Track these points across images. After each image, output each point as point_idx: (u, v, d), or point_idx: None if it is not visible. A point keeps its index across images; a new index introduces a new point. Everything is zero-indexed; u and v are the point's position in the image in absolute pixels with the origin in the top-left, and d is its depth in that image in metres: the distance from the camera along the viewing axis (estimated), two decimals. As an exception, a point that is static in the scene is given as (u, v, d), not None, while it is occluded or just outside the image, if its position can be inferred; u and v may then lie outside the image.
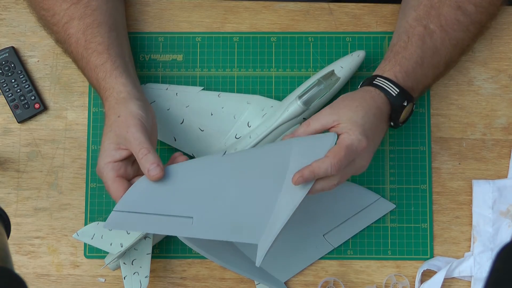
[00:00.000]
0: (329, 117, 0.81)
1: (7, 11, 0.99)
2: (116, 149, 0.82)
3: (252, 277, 0.92)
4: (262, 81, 0.97)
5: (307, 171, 0.78)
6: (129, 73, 0.88)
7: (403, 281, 0.93)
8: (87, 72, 0.89)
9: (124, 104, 0.84)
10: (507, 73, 0.97)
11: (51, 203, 0.95)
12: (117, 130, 0.82)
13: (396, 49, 0.87)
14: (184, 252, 0.95)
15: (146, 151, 0.80)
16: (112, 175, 0.81)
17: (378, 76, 0.85)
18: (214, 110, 0.94)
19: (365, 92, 0.84)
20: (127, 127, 0.81)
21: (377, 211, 0.94)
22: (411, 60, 0.86)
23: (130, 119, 0.82)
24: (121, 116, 0.82)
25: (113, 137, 0.82)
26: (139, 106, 0.84)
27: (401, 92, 0.84)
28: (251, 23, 0.99)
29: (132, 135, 0.81)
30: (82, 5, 0.89)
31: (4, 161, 0.96)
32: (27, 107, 0.96)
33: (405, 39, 0.87)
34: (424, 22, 0.87)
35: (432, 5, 0.88)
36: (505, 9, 0.97)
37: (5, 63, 0.97)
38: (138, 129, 0.81)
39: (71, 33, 0.89)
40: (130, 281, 0.89)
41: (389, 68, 0.86)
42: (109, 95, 0.85)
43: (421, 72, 0.87)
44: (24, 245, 0.95)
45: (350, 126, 0.80)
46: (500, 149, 0.96)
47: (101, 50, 0.87)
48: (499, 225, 0.93)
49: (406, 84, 0.85)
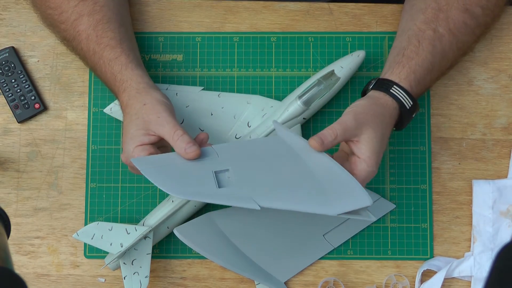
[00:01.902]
0: (353, 131, 0.81)
1: (7, 11, 0.99)
2: (144, 134, 0.82)
3: (252, 277, 0.92)
4: (262, 81, 0.97)
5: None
6: (143, 67, 0.90)
7: (403, 281, 0.93)
8: (100, 67, 0.89)
9: (146, 93, 0.85)
10: (507, 73, 0.97)
11: (51, 203, 0.95)
12: (145, 116, 0.83)
13: (408, 53, 0.87)
14: (184, 252, 0.95)
15: (181, 132, 0.81)
16: (144, 156, 0.81)
17: (395, 84, 0.85)
18: (214, 110, 0.94)
19: (384, 108, 0.84)
20: (157, 113, 0.82)
21: (377, 211, 0.94)
22: (423, 67, 0.86)
23: (158, 105, 0.83)
24: (147, 103, 0.83)
25: (142, 123, 0.83)
26: (161, 94, 0.85)
27: (413, 105, 0.85)
28: (251, 23, 0.99)
29: (165, 119, 0.82)
30: (91, 2, 0.89)
31: (4, 161, 0.96)
32: (27, 107, 0.96)
33: (416, 44, 0.87)
34: (433, 25, 0.87)
35: (440, 8, 0.88)
36: (505, 9, 0.97)
37: (5, 63, 0.97)
38: (169, 114, 0.83)
39: (81, 30, 0.89)
40: (130, 281, 0.90)
41: (405, 76, 0.85)
42: (127, 86, 0.86)
43: (430, 78, 0.88)
44: (24, 245, 0.95)
45: (369, 153, 0.80)
46: (500, 149, 0.96)
47: (114, 44, 0.88)
48: (499, 225, 0.93)
49: (417, 92, 0.86)
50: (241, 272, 0.90)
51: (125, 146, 0.83)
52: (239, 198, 0.76)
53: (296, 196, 0.78)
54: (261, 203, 0.75)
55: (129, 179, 0.95)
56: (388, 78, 0.86)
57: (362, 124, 0.81)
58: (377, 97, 0.85)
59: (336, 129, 0.80)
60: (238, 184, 0.78)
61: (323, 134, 0.80)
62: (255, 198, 0.76)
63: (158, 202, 0.94)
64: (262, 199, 0.76)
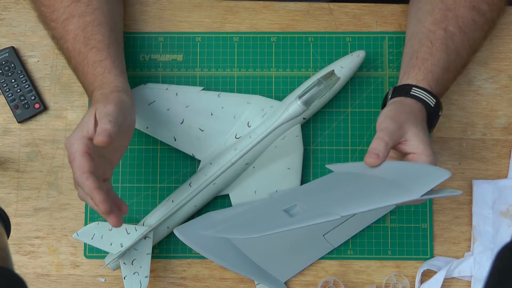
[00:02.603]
0: (397, 133, 0.78)
1: (7, 11, 0.99)
2: (94, 124, 0.79)
3: (252, 277, 0.92)
4: (262, 81, 0.97)
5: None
6: (125, 76, 0.88)
7: (403, 281, 0.93)
8: (83, 67, 0.88)
9: (117, 93, 0.83)
10: (507, 73, 0.97)
11: (51, 203, 0.95)
12: (99, 105, 0.80)
13: (422, 55, 0.86)
14: (184, 252, 0.95)
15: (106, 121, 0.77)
16: (82, 149, 0.77)
17: (413, 86, 0.84)
18: (214, 110, 0.94)
19: (410, 107, 0.82)
20: (106, 103, 0.79)
21: (377, 211, 0.94)
22: (439, 66, 0.85)
23: (114, 99, 0.81)
24: (109, 97, 0.81)
25: (94, 112, 0.80)
26: (129, 100, 0.83)
27: (437, 103, 0.84)
28: (251, 23, 0.99)
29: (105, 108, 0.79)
30: (83, 3, 0.89)
31: (4, 161, 0.96)
32: (27, 107, 0.96)
33: (429, 45, 0.86)
34: (443, 25, 0.87)
35: (447, 7, 0.87)
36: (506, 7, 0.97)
37: (5, 63, 0.97)
38: (115, 106, 0.79)
39: (70, 29, 0.89)
40: (130, 281, 0.90)
41: (422, 77, 0.84)
42: (105, 87, 0.84)
43: (447, 77, 0.87)
44: (24, 245, 0.95)
45: (423, 146, 0.78)
46: (500, 149, 0.96)
47: (101, 47, 0.87)
48: (499, 225, 0.93)
49: (437, 91, 0.85)
50: (241, 272, 0.90)
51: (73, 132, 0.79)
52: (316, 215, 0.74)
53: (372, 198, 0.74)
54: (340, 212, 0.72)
55: (129, 179, 0.95)
56: (405, 83, 0.85)
57: (403, 123, 0.79)
58: (400, 101, 0.83)
59: (382, 136, 0.77)
60: (310, 210, 0.76)
61: (374, 148, 0.77)
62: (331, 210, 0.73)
63: (158, 202, 0.94)
64: (340, 209, 0.73)
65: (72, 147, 0.78)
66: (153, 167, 0.96)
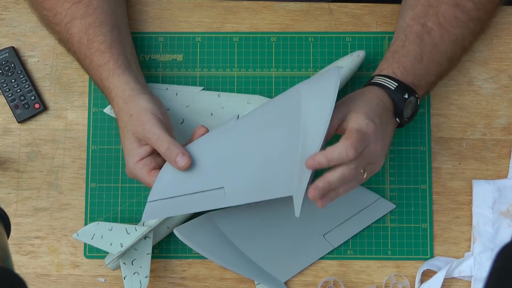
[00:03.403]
0: (336, 118, 0.79)
1: (7, 11, 0.99)
2: (139, 146, 0.83)
3: (252, 277, 0.92)
4: (262, 81, 0.97)
5: (321, 157, 0.74)
6: (131, 70, 0.89)
7: (403, 281, 0.93)
8: (91, 72, 0.89)
9: (132, 101, 0.84)
10: (507, 73, 0.97)
11: (51, 203, 0.95)
12: (133, 128, 0.83)
13: (393, 48, 0.87)
14: (184, 252, 0.95)
15: (167, 144, 0.81)
16: (146, 172, 0.82)
17: (376, 75, 0.85)
18: (214, 110, 0.94)
19: (363, 90, 0.84)
20: (142, 124, 0.82)
21: (377, 211, 0.94)
22: (409, 57, 0.86)
23: (142, 115, 0.83)
24: (133, 114, 0.83)
25: (132, 136, 0.83)
26: (147, 100, 0.85)
27: (400, 86, 0.84)
28: (251, 23, 0.99)
29: (148, 131, 0.82)
30: (84, 4, 0.89)
31: (4, 161, 0.96)
32: (27, 107, 0.96)
33: (403, 38, 0.87)
34: (422, 20, 0.87)
35: (430, 4, 0.88)
36: (505, 9, 0.97)
37: (5, 63, 0.97)
38: (153, 123, 0.82)
39: (73, 33, 0.89)
40: (130, 281, 0.89)
41: (387, 66, 0.86)
42: (115, 96, 0.86)
43: (421, 68, 0.86)
44: (24, 245, 0.95)
45: (353, 114, 0.79)
46: (500, 149, 0.96)
47: (104, 49, 0.87)
48: (499, 225, 0.93)
49: (406, 79, 0.85)
50: (241, 272, 0.90)
51: (126, 161, 0.84)
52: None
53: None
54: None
55: (129, 179, 0.95)
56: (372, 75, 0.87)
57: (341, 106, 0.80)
58: (358, 91, 0.85)
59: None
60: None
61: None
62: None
63: (158, 202, 0.94)
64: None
65: (136, 175, 0.83)
66: (153, 167, 0.96)
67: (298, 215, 0.76)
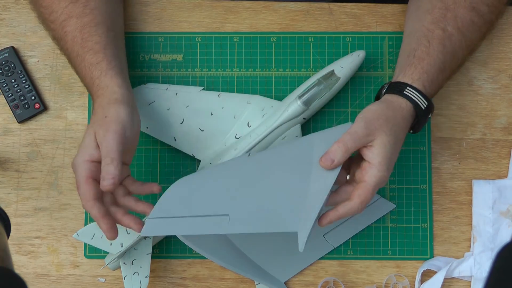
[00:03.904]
0: (364, 139, 0.79)
1: (7, 11, 0.99)
2: (95, 148, 0.81)
3: (252, 277, 0.92)
4: (262, 81, 0.97)
5: (334, 217, 0.79)
6: (124, 75, 0.88)
7: (403, 281, 0.93)
8: (81, 70, 0.88)
9: (114, 106, 0.83)
10: (507, 73, 0.97)
11: (51, 203, 0.95)
12: (97, 128, 0.82)
13: (419, 54, 0.86)
14: (184, 252, 0.95)
15: (109, 160, 0.79)
16: (86, 175, 0.80)
17: (408, 86, 0.84)
18: (214, 110, 0.94)
19: (397, 110, 0.82)
20: (106, 130, 0.81)
21: (377, 211, 0.94)
22: (435, 67, 0.85)
23: (112, 123, 0.81)
24: (107, 117, 0.82)
25: (94, 134, 0.82)
26: (128, 112, 0.83)
27: (428, 106, 0.84)
28: (251, 23, 0.99)
29: (105, 139, 0.80)
30: (81, 4, 0.89)
31: (4, 161, 0.96)
32: (27, 107, 0.96)
33: (426, 44, 0.86)
34: (442, 25, 0.87)
35: (447, 7, 0.87)
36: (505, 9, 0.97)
37: (5, 63, 0.97)
38: (115, 136, 0.80)
39: (68, 31, 0.89)
40: (130, 281, 0.90)
41: (418, 76, 0.84)
42: (101, 94, 0.85)
43: (442, 78, 0.87)
44: (24, 245, 0.95)
45: (380, 159, 0.79)
46: (500, 149, 0.96)
47: (98, 49, 0.87)
48: (499, 225, 0.93)
49: (431, 92, 0.85)
50: (241, 272, 0.90)
51: (77, 154, 0.82)
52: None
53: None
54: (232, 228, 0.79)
55: (129, 179, 0.95)
56: (400, 81, 0.85)
57: (375, 130, 0.79)
58: (391, 101, 0.83)
59: (346, 140, 0.79)
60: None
61: (332, 151, 0.79)
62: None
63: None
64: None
65: (76, 172, 0.81)
66: (153, 167, 0.96)
67: (301, 250, 0.78)
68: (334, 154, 0.79)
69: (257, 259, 0.92)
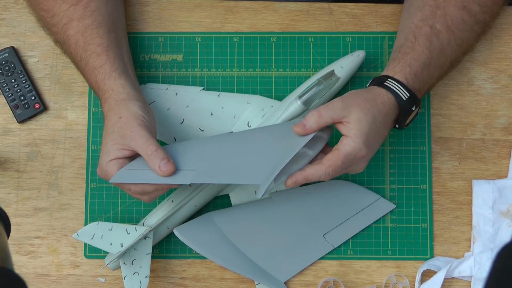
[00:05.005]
0: (340, 112, 0.81)
1: (7, 11, 0.99)
2: (119, 149, 0.82)
3: (252, 277, 0.92)
4: (262, 81, 0.97)
5: (300, 177, 0.80)
6: (128, 75, 0.88)
7: (403, 281, 0.93)
8: (86, 74, 0.89)
9: (124, 105, 0.84)
10: (507, 73, 0.97)
11: (51, 203, 0.95)
12: (120, 131, 0.82)
13: (404, 49, 0.87)
14: (184, 252, 0.95)
15: (154, 147, 0.81)
16: (117, 170, 0.82)
17: (389, 78, 0.85)
18: (214, 110, 0.94)
19: (376, 95, 0.83)
20: (131, 127, 0.82)
21: (377, 211, 0.94)
22: (420, 61, 0.86)
23: (132, 119, 0.82)
24: (122, 117, 0.83)
25: (117, 138, 0.82)
26: (139, 107, 0.84)
27: (410, 97, 0.84)
28: (251, 23, 0.99)
29: (137, 133, 0.81)
30: (81, 6, 0.89)
31: (4, 161, 0.96)
32: (27, 107, 0.96)
33: (412, 40, 0.87)
34: (430, 22, 0.87)
35: (437, 5, 0.88)
36: (505, 9, 0.97)
37: (5, 63, 0.97)
38: (143, 128, 0.82)
39: (70, 34, 0.89)
40: (130, 281, 0.90)
41: (400, 69, 0.85)
42: (108, 97, 0.86)
43: (428, 73, 0.87)
44: (24, 245, 0.95)
45: (356, 131, 0.80)
46: (500, 149, 0.96)
47: (100, 51, 0.87)
48: (499, 225, 0.93)
49: (414, 86, 0.85)
50: (241, 272, 0.90)
51: (100, 160, 0.83)
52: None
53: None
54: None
55: (129, 179, 0.95)
56: (383, 74, 0.86)
57: (351, 106, 0.81)
58: (371, 88, 0.85)
59: (320, 109, 0.81)
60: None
61: (306, 118, 0.81)
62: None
63: (158, 202, 0.94)
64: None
65: (107, 173, 0.82)
66: (153, 167, 0.96)
67: (259, 197, 0.79)
68: (307, 119, 0.81)
69: (257, 259, 0.92)
